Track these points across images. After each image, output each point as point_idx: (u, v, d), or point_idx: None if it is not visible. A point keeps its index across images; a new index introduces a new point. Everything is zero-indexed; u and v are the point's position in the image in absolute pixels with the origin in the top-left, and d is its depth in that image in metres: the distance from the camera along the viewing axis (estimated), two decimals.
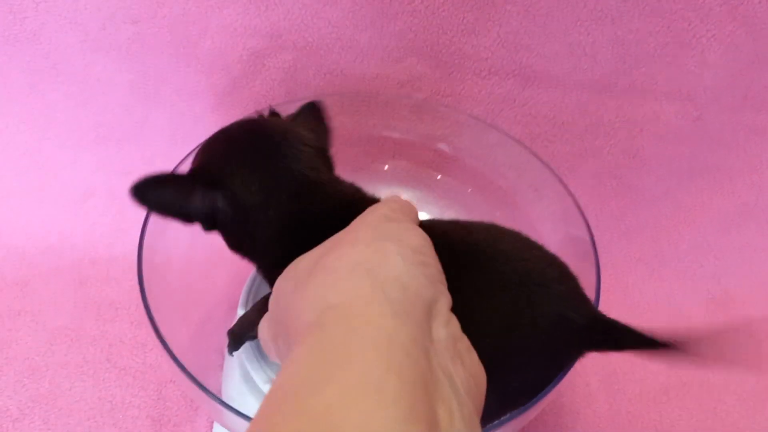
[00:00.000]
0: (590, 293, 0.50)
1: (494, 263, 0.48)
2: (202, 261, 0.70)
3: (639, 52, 0.72)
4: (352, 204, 0.50)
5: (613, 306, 0.79)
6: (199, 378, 0.50)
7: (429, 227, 0.51)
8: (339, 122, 0.77)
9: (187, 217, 0.50)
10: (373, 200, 0.51)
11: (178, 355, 0.50)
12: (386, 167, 0.75)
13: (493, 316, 0.46)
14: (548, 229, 0.65)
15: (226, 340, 0.57)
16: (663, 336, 0.46)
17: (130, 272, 0.78)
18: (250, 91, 0.77)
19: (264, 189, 0.48)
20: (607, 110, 0.75)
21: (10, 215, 0.80)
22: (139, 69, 0.77)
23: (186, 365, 0.50)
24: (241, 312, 0.62)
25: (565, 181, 0.62)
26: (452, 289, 0.47)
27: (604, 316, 0.49)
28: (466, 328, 0.47)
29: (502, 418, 0.48)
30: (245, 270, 0.66)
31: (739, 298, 0.80)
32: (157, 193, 0.49)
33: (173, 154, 0.71)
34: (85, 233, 0.80)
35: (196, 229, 0.66)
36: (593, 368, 0.74)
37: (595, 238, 0.59)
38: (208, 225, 0.50)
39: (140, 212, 0.61)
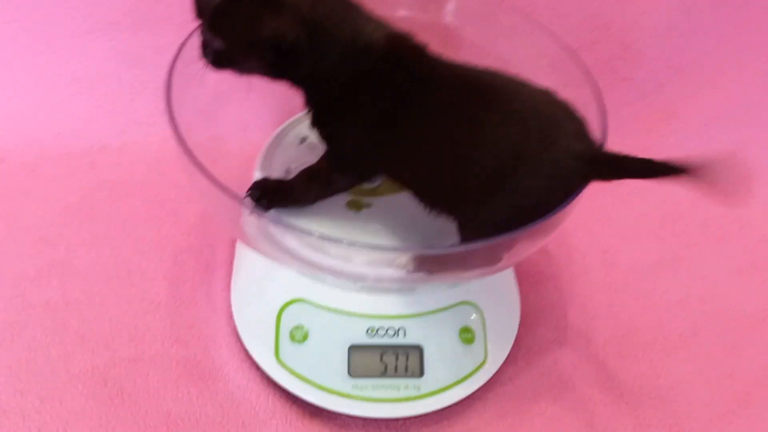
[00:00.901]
0: None
1: (509, 100, 0.51)
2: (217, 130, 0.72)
3: None
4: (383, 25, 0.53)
5: (606, 194, 0.83)
6: None
7: (447, 67, 0.54)
8: None
9: (257, 51, 0.49)
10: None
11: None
12: None
13: (507, 145, 0.50)
14: None
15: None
16: (661, 161, 0.50)
17: (142, 159, 0.80)
18: None
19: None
20: (604, 2, 0.79)
21: (19, 102, 0.81)
22: None
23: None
24: (258, 174, 0.64)
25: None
26: (471, 119, 0.50)
27: (606, 150, 0.52)
28: (482, 152, 0.50)
29: (514, 232, 0.51)
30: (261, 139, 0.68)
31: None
32: (231, 21, 0.48)
33: None
34: (95, 121, 0.81)
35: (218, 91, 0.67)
36: (590, 244, 0.78)
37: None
38: (275, 57, 0.49)
39: (152, 100, 0.62)
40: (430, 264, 0.57)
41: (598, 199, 0.83)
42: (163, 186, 0.78)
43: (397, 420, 0.61)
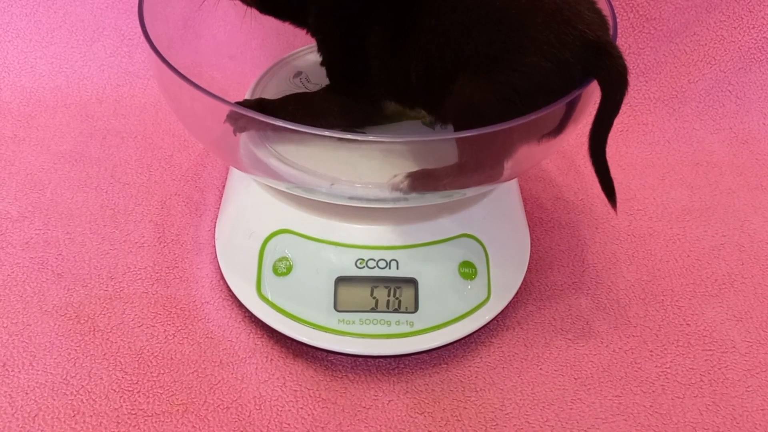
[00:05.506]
0: None
1: None
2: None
3: None
4: None
5: (632, 143, 0.77)
6: None
7: None
8: None
9: None
10: None
11: None
12: None
13: (515, 17, 0.47)
14: None
15: None
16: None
17: (138, 111, 0.78)
18: None
19: None
20: None
21: (18, 55, 0.79)
22: None
23: None
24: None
25: None
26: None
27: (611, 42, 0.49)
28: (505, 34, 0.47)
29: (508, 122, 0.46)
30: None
31: (762, 136, 0.77)
32: None
33: None
34: (93, 73, 0.79)
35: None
36: None
37: None
38: None
39: (148, 55, 0.60)
40: (425, 180, 0.51)
41: (621, 147, 0.76)
42: (157, 135, 0.75)
43: (388, 359, 0.56)
